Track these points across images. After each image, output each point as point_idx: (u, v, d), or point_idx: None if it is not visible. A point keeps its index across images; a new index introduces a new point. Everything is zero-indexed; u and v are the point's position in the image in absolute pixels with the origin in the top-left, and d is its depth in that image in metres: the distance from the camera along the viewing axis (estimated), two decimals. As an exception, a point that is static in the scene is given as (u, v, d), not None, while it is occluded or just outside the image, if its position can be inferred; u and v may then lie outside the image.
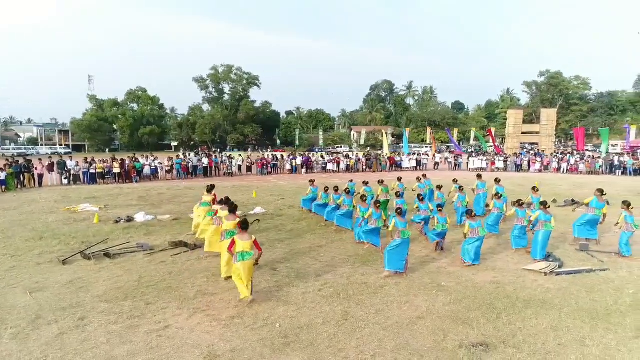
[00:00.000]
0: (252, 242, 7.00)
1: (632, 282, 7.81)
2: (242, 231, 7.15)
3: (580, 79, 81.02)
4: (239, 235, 7.11)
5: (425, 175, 16.60)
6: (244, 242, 6.95)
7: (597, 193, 10.78)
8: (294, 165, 30.45)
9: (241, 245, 6.92)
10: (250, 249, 6.96)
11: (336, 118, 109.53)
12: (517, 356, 5.19)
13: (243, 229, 7.16)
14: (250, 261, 6.90)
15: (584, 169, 30.22)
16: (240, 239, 6.98)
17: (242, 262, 6.84)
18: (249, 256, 6.89)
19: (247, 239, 7.02)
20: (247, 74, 78.38)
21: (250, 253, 6.94)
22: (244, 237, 7.03)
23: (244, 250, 6.90)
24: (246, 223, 7.27)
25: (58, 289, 7.65)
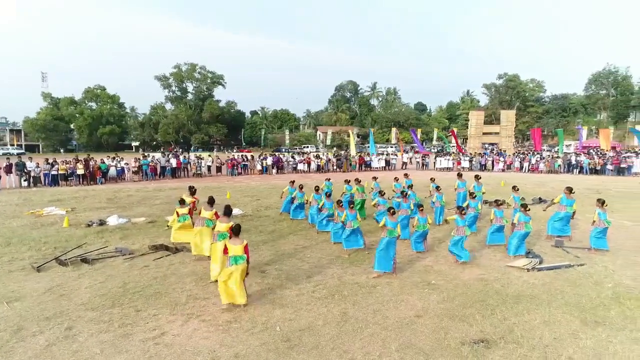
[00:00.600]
0: (243, 247, 6.85)
1: (608, 276, 8.20)
2: (233, 236, 7.02)
3: (536, 82, 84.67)
4: (231, 240, 6.97)
5: (407, 174, 16.81)
6: (236, 247, 6.83)
7: (566, 191, 11.24)
8: (265, 166, 30.20)
9: (233, 249, 6.82)
10: (242, 253, 6.84)
11: (301, 118, 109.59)
12: (519, 351, 5.34)
13: (235, 234, 7.02)
14: (243, 265, 6.79)
15: (544, 168, 31.56)
16: (233, 244, 6.86)
17: (235, 266, 6.72)
18: (242, 260, 6.79)
19: (239, 243, 6.89)
20: (211, 72, 77.22)
21: (243, 257, 6.83)
22: (235, 241, 6.90)
23: (236, 254, 6.80)
24: (238, 228, 7.11)
25: (37, 298, 7.26)
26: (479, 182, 13.80)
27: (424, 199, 14.46)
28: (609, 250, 9.85)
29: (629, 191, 20.84)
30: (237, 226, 7.17)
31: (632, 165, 29.00)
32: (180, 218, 10.38)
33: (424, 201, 13.39)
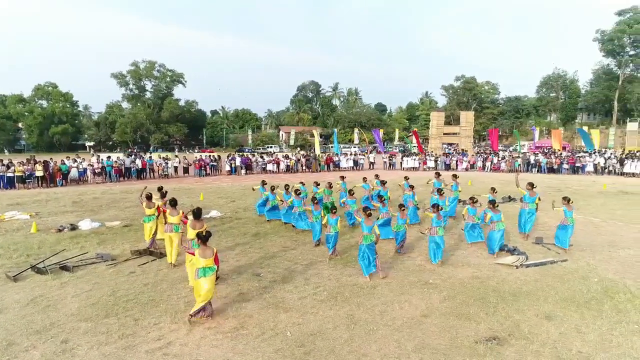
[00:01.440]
0: (213, 257, 6.39)
1: (592, 271, 8.56)
2: (202, 244, 6.41)
3: (491, 84, 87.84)
4: (200, 249, 6.35)
5: (378, 175, 16.97)
6: (206, 259, 6.29)
7: (528, 187, 11.59)
8: (233, 167, 29.67)
9: (202, 261, 6.27)
10: (213, 263, 6.40)
11: (263, 118, 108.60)
12: (530, 347, 5.48)
13: (203, 242, 6.41)
14: (213, 276, 6.37)
15: (505, 167, 32.78)
16: (202, 256, 6.29)
17: (204, 278, 6.24)
18: (211, 271, 6.33)
19: (210, 254, 6.36)
20: (170, 71, 74.96)
21: (213, 268, 6.39)
22: (206, 252, 6.34)
23: (207, 265, 6.29)
24: (208, 235, 6.53)
25: (21, 310, 6.79)
26: (457, 181, 14.11)
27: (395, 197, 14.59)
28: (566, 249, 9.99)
29: (586, 189, 21.94)
30: (207, 233, 6.57)
31: (586, 164, 30.61)
32: (146, 218, 10.06)
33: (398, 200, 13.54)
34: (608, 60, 65.89)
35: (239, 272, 8.70)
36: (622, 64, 63.60)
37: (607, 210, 15.53)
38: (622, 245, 10.53)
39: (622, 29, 59.60)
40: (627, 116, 62.07)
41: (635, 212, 15.35)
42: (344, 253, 9.90)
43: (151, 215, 10.01)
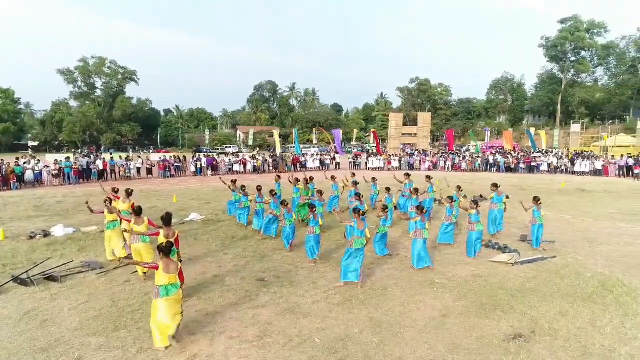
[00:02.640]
0: (177, 273, 5.75)
1: (582, 267, 8.96)
2: (164, 256, 5.66)
3: (443, 86, 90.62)
4: (163, 262, 5.62)
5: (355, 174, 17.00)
6: (169, 275, 5.60)
7: (493, 188, 12.02)
8: (199, 167, 28.86)
9: (165, 277, 5.57)
10: (177, 280, 5.76)
11: (218, 117, 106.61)
12: (556, 343, 5.65)
13: (165, 253, 5.67)
14: (176, 295, 5.66)
15: (466, 167, 33.95)
16: (165, 271, 5.58)
17: (166, 297, 5.53)
18: (175, 289, 5.64)
19: (174, 269, 5.67)
20: (122, 68, 71.79)
21: (177, 285, 5.71)
22: (169, 266, 5.63)
23: (170, 282, 5.60)
24: (169, 246, 5.79)
25: (15, 326, 6.23)
26: (431, 182, 14.22)
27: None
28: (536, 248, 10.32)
29: (547, 187, 23.09)
30: (168, 244, 5.84)
31: (541, 164, 32.25)
32: (109, 225, 9.35)
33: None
34: (552, 65, 69.65)
35: (242, 277, 8.42)
36: (564, 69, 67.39)
37: (572, 208, 16.40)
38: (600, 241, 11.12)
39: (564, 36, 63.15)
40: (569, 118, 65.91)
41: (597, 209, 16.30)
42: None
43: (114, 222, 9.39)
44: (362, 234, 7.87)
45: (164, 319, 5.55)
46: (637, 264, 9.15)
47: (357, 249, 7.82)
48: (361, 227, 7.92)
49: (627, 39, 62.49)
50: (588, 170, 30.32)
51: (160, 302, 5.57)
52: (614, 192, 21.41)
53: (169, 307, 5.58)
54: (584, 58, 65.82)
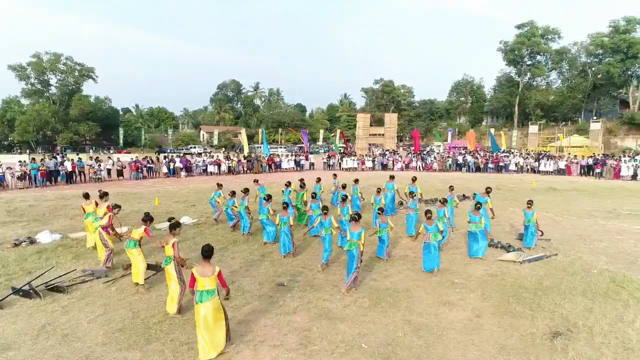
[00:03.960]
0: (216, 276, 5.45)
1: (587, 263, 9.31)
2: (203, 259, 5.50)
3: (406, 88, 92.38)
4: (200, 265, 5.47)
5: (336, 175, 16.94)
6: (203, 279, 5.34)
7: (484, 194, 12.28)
8: (172, 168, 27.96)
9: (200, 281, 5.34)
10: (214, 285, 5.45)
11: (179, 117, 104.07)
12: (595, 340, 5.81)
13: (205, 256, 5.50)
14: (211, 302, 5.36)
15: (437, 166, 34.73)
16: (201, 274, 5.35)
17: (200, 304, 5.33)
18: (209, 296, 5.35)
19: (207, 272, 5.38)
20: (79, 64, 68.48)
21: (212, 292, 5.39)
22: (203, 269, 5.38)
23: (204, 287, 5.36)
24: (207, 249, 5.54)
25: (34, 344, 5.77)
26: (414, 184, 14.17)
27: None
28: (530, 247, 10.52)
29: (519, 186, 23.95)
30: (207, 247, 5.57)
31: (509, 163, 33.46)
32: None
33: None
34: (510, 68, 72.32)
35: (259, 282, 8.20)
36: (521, 72, 70.21)
37: (552, 206, 17.06)
38: (592, 238, 11.61)
39: (521, 40, 65.73)
40: (526, 119, 68.78)
41: (574, 207, 17.03)
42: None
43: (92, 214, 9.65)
44: (356, 236, 7.63)
45: (203, 327, 5.35)
46: (635, 259, 9.61)
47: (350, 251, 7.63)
48: (356, 229, 7.71)
49: (578, 44, 65.83)
50: (552, 169, 31.71)
51: (197, 308, 5.40)
52: (582, 190, 22.47)
53: (205, 314, 5.36)
54: (539, 62, 68.77)
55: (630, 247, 10.73)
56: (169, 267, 6.62)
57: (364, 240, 7.73)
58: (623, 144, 52.19)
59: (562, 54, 67.07)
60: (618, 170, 28.45)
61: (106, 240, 8.69)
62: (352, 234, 7.65)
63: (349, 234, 7.70)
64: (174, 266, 6.60)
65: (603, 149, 45.18)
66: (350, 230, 7.74)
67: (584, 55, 64.79)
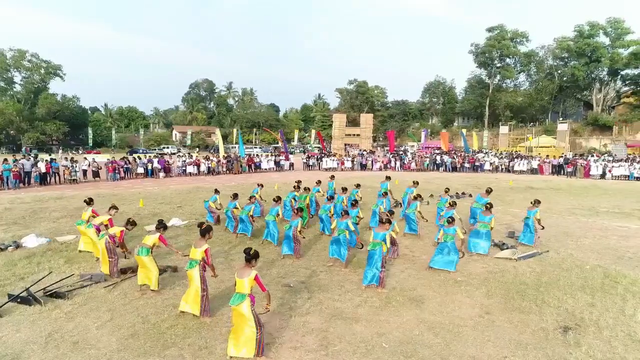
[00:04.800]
0: (252, 279, 5.30)
1: (578, 259, 9.66)
2: (246, 262, 5.41)
3: (380, 89, 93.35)
4: (241, 268, 5.46)
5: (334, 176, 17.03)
6: (237, 280, 5.30)
7: (483, 194, 12.73)
8: (150, 169, 27.34)
9: (239, 284, 5.28)
10: (247, 289, 5.26)
11: (150, 116, 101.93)
12: (604, 333, 6.05)
13: (247, 259, 5.38)
14: (240, 307, 5.19)
15: (415, 166, 35.28)
16: (239, 275, 5.32)
17: (232, 306, 5.25)
18: (239, 300, 5.19)
19: (243, 274, 5.29)
20: (45, 62, 66.10)
21: (242, 296, 5.21)
22: (244, 271, 5.34)
23: (238, 290, 5.28)
24: (249, 252, 5.43)
25: (44, 351, 5.55)
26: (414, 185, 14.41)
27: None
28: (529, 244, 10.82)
29: (498, 185, 24.56)
30: (249, 250, 5.48)
31: (484, 163, 34.32)
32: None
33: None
34: (480, 70, 74.22)
35: (265, 283, 8.04)
36: (491, 74, 72.12)
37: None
38: (577, 235, 12.06)
39: (492, 43, 67.54)
40: (496, 120, 70.71)
41: (554, 205, 17.63)
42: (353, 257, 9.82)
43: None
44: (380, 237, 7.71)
45: (234, 329, 5.33)
46: (621, 255, 10.05)
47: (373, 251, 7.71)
48: (381, 231, 7.83)
49: (545, 48, 68.23)
50: (526, 169, 32.71)
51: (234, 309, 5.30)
52: (558, 189, 23.31)
53: (234, 317, 5.32)
54: (509, 65, 70.79)
55: (614, 243, 11.20)
56: (192, 270, 6.41)
57: (389, 243, 7.79)
58: (588, 144, 54.38)
59: (530, 57, 69.29)
60: (588, 169, 29.60)
61: (112, 248, 8.25)
62: (377, 234, 7.74)
63: (372, 235, 7.81)
64: (199, 270, 6.39)
65: (569, 149, 46.98)
66: (375, 231, 7.85)
67: (551, 58, 67.20)
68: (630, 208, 16.78)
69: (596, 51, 56.48)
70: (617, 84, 62.24)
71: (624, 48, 55.99)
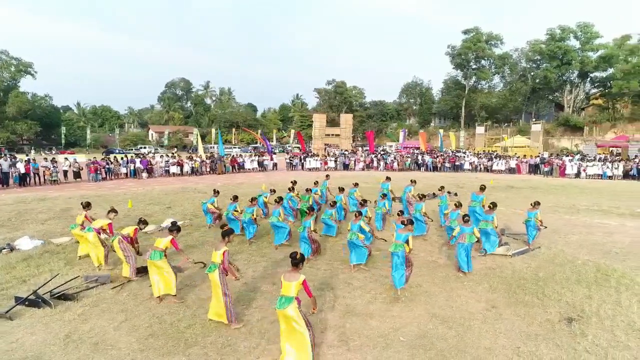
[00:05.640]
0: (300, 283, 5.23)
1: (569, 255, 10.07)
2: (291, 267, 5.40)
3: (357, 89, 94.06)
4: (288, 272, 5.43)
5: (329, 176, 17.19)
6: (284, 283, 5.27)
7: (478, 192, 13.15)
8: (132, 169, 26.89)
9: (285, 287, 5.25)
10: (293, 292, 5.18)
11: (124, 116, 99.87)
12: (606, 323, 6.40)
13: (293, 263, 5.39)
14: (286, 311, 5.10)
15: (397, 166, 35.78)
16: (286, 278, 5.29)
17: (278, 310, 5.19)
18: (286, 303, 5.12)
19: (291, 278, 5.25)
20: (16, 59, 63.92)
21: (289, 299, 5.14)
22: (292, 275, 5.29)
23: (285, 294, 5.23)
24: (296, 256, 5.43)
25: (65, 354, 5.56)
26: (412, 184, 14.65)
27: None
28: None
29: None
30: (295, 254, 5.46)
31: (464, 162, 35.09)
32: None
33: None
34: (457, 72, 75.62)
35: (272, 282, 8.22)
36: (467, 75, 73.62)
37: (516, 203, 18.17)
38: (564, 232, 12.56)
39: (468, 45, 68.91)
40: (472, 121, 72.24)
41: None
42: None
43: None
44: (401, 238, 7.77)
45: (284, 333, 5.26)
46: (607, 250, 10.54)
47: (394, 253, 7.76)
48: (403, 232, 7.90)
49: (519, 50, 70.01)
50: (504, 168, 33.62)
51: (277, 313, 5.27)
52: (536, 188, 24.08)
53: (281, 322, 5.24)
54: (484, 66, 72.37)
55: (599, 239, 11.72)
56: (213, 274, 6.27)
57: (412, 244, 7.92)
58: (560, 144, 56.11)
59: (504, 59, 70.87)
60: (564, 168, 30.66)
61: (126, 248, 8.16)
62: (399, 236, 7.83)
63: (394, 235, 7.96)
64: (219, 274, 6.27)
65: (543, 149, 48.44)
66: (399, 232, 7.94)
67: (524, 60, 68.95)
68: (608, 205, 17.51)
69: (567, 54, 58.34)
70: (586, 86, 64.47)
71: (593, 51, 58.04)
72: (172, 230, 7.50)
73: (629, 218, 14.80)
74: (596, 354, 5.54)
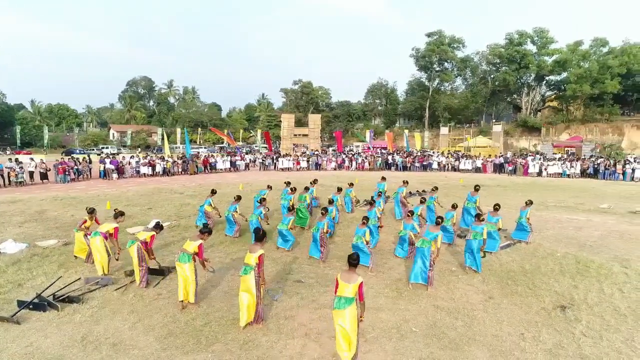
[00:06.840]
0: (357, 285, 5.21)
1: (549, 248, 10.63)
2: (349, 268, 5.43)
3: (324, 89, 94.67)
4: (345, 272, 5.44)
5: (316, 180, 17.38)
6: (343, 284, 5.24)
7: (473, 192, 13.79)
8: (103, 170, 26.11)
9: (342, 287, 5.25)
10: (346, 292, 5.20)
11: (82, 115, 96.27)
12: (595, 309, 6.97)
13: (350, 264, 5.40)
14: (343, 311, 5.11)
15: (368, 166, 36.42)
16: (344, 279, 5.28)
17: (334, 310, 5.21)
18: (344, 305, 5.11)
19: (350, 279, 5.23)
20: (-35, 54, 60.49)
21: (349, 300, 5.14)
22: (350, 276, 5.29)
23: (343, 294, 5.20)
24: (353, 257, 5.43)
25: (86, 355, 5.57)
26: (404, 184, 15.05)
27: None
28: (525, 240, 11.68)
29: (449, 184, 26.09)
30: (355, 255, 5.46)
31: (432, 162, 36.14)
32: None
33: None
34: (421, 73, 77.50)
35: (277, 281, 8.38)
36: (431, 77, 75.62)
37: (488, 200, 18.73)
38: (540, 227, 13.24)
39: (431, 48, 70.77)
40: (435, 122, 74.24)
41: (508, 200, 18.99)
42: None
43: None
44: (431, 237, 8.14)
45: (339, 334, 5.17)
46: (582, 243, 11.25)
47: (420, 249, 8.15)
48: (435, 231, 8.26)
49: (480, 54, 72.56)
50: (471, 167, 34.86)
51: (333, 313, 5.27)
52: (504, 186, 25.17)
53: (339, 322, 5.15)
54: (447, 69, 74.54)
55: (572, 233, 12.50)
56: (247, 276, 6.21)
57: (439, 244, 8.18)
58: (518, 144, 58.54)
59: (466, 62, 73.16)
60: (527, 168, 32.15)
61: (143, 255, 7.87)
62: (428, 233, 8.17)
63: (424, 232, 8.29)
64: (254, 276, 6.23)
65: (503, 149, 50.48)
66: (429, 230, 8.27)
67: (485, 63, 71.48)
68: (573, 202, 18.60)
69: (525, 58, 60.95)
70: (542, 88, 67.58)
71: (548, 56, 60.97)
72: (204, 232, 7.23)
73: (595, 213, 15.80)
74: (592, 337, 6.05)
